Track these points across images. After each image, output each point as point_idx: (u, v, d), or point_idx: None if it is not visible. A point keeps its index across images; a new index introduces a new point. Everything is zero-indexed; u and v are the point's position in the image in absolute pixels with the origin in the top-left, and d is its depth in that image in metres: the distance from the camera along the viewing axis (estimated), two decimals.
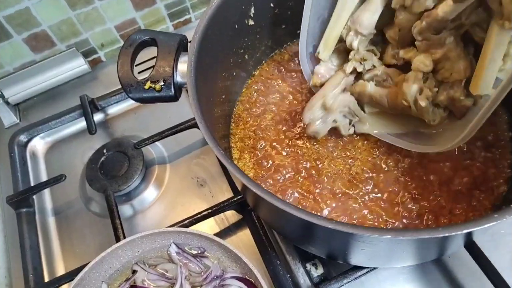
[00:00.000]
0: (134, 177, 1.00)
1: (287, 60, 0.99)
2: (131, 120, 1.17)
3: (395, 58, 0.75)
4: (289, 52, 1.00)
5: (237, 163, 0.85)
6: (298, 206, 0.57)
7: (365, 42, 0.77)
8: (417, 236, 0.50)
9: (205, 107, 0.75)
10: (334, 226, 0.52)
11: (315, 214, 0.53)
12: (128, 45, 0.74)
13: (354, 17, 0.74)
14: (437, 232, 0.48)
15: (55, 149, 1.15)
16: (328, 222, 0.52)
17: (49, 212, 1.04)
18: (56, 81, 1.20)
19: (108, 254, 0.77)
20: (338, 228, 0.52)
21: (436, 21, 0.62)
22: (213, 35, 0.79)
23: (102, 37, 1.21)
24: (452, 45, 0.65)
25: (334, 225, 0.52)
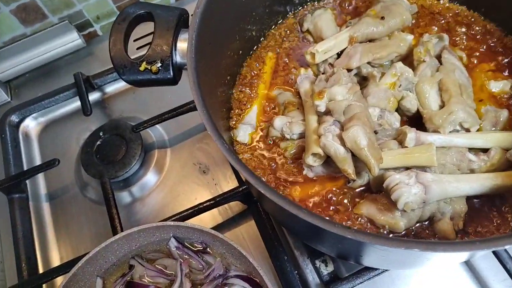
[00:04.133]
0: (132, 163, 0.94)
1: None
2: (129, 100, 1.10)
3: None
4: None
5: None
6: (310, 211, 0.50)
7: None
8: (447, 250, 0.43)
9: (207, 90, 0.68)
10: (354, 236, 0.45)
11: (330, 221, 0.47)
12: (121, 20, 0.66)
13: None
14: (467, 247, 0.41)
15: (49, 130, 1.08)
16: (347, 231, 0.46)
17: (43, 198, 0.99)
18: (49, 56, 1.12)
19: (103, 248, 0.72)
20: (359, 239, 0.45)
21: None
22: (217, 8, 0.70)
23: (97, 9, 1.12)
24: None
25: (353, 235, 0.45)
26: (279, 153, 0.77)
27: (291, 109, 0.79)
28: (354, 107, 0.68)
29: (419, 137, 0.68)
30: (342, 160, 0.65)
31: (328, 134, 0.66)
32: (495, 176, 0.63)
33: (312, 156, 0.69)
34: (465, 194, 0.64)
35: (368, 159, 0.62)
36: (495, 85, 0.78)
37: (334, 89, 0.69)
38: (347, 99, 0.68)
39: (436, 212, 0.65)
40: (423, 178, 0.62)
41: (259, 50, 0.88)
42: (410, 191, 0.60)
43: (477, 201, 0.67)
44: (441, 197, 0.62)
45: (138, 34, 1.10)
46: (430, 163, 0.64)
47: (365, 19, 0.82)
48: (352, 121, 0.65)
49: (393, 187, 0.61)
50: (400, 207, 0.60)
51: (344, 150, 0.65)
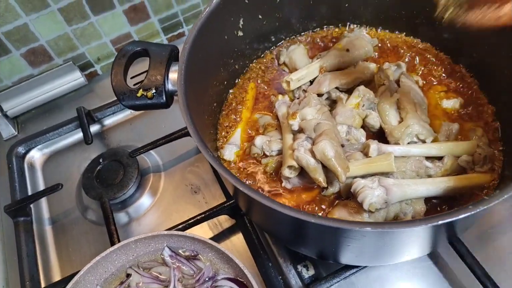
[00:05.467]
0: (129, 185, 1.03)
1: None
2: (126, 131, 1.20)
3: None
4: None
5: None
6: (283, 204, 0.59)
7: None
8: (394, 228, 0.52)
9: (195, 113, 0.78)
10: (316, 220, 0.54)
11: (297, 209, 0.56)
12: (121, 56, 0.78)
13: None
14: (412, 224, 0.51)
15: (53, 160, 1.18)
16: (311, 217, 0.55)
17: (46, 221, 1.06)
18: (53, 94, 1.24)
19: (103, 258, 0.79)
20: (320, 222, 0.54)
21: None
22: (203, 45, 0.82)
23: (98, 51, 1.25)
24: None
25: (316, 219, 0.54)
26: (260, 169, 0.86)
27: (270, 129, 0.90)
28: (322, 125, 0.79)
29: (381, 148, 0.78)
30: (313, 170, 0.75)
31: (300, 148, 0.77)
32: (448, 179, 0.73)
33: (288, 169, 0.79)
34: (422, 196, 0.73)
35: (335, 168, 0.72)
36: (447, 103, 0.89)
37: (305, 110, 0.81)
38: (316, 118, 0.79)
39: (399, 213, 0.74)
40: (385, 182, 0.71)
41: (242, 81, 1.00)
42: (373, 193, 0.69)
43: (435, 202, 0.77)
44: (401, 198, 0.72)
45: (134, 72, 1.23)
46: (389, 169, 0.74)
47: (333, 51, 0.96)
48: (321, 137, 0.75)
49: (359, 190, 0.71)
50: (365, 207, 0.69)
51: (314, 161, 0.75)
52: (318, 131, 0.78)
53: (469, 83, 0.91)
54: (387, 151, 0.77)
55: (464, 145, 0.78)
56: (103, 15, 1.17)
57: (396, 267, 0.86)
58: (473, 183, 0.72)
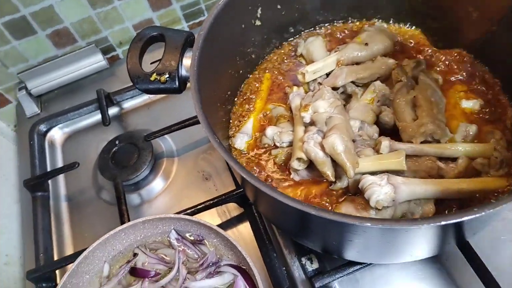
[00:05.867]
0: (142, 168, 1.05)
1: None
2: (144, 115, 1.23)
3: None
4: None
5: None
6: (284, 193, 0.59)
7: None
8: (394, 225, 0.51)
9: (207, 100, 0.79)
10: (316, 212, 0.54)
11: (298, 200, 0.56)
12: (138, 40, 0.79)
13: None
14: (413, 223, 0.50)
15: (72, 139, 1.21)
16: (312, 209, 0.55)
17: (62, 198, 1.10)
18: (76, 75, 1.27)
19: (112, 236, 0.82)
20: (320, 215, 0.54)
21: None
22: (219, 33, 0.82)
23: (120, 36, 1.28)
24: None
25: (316, 212, 0.54)
26: (270, 159, 0.87)
27: (282, 121, 0.89)
28: (334, 119, 0.78)
29: (393, 145, 0.77)
30: (321, 163, 0.75)
31: (310, 141, 0.76)
32: (461, 181, 0.71)
33: (297, 161, 0.78)
34: (432, 196, 0.71)
35: (344, 162, 0.71)
36: (467, 103, 0.87)
37: (317, 103, 0.80)
38: (328, 112, 0.78)
39: (407, 212, 0.73)
40: (394, 180, 0.70)
41: (258, 71, 1.00)
42: (381, 191, 0.68)
43: (446, 203, 0.74)
44: (409, 197, 0.70)
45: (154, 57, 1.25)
46: (400, 167, 0.73)
47: (351, 45, 0.94)
48: (332, 130, 0.75)
49: (367, 186, 0.70)
50: (372, 204, 0.68)
51: (323, 155, 0.74)
52: (330, 125, 0.77)
53: (491, 84, 0.88)
54: (399, 149, 0.76)
55: (481, 147, 0.76)
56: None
57: (402, 267, 0.85)
58: (486, 187, 0.70)
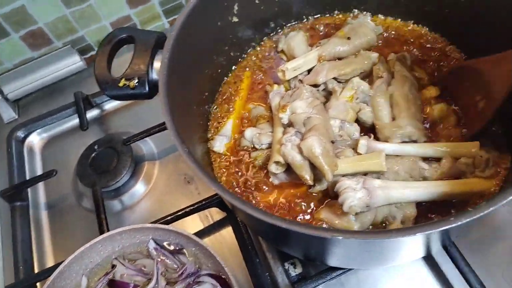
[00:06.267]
0: (122, 173, 1.02)
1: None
2: (125, 116, 1.19)
3: None
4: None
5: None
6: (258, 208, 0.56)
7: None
8: (367, 238, 0.48)
9: (182, 102, 0.76)
10: (288, 226, 0.51)
11: (265, 212, 0.53)
12: (106, 43, 0.75)
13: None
14: (387, 235, 0.47)
15: (51, 145, 1.18)
16: (283, 222, 0.52)
17: (42, 206, 1.07)
18: (53, 77, 1.23)
19: (88, 248, 0.79)
20: (292, 228, 0.51)
21: None
22: (193, 32, 0.78)
23: (97, 35, 1.23)
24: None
25: (287, 225, 0.51)
26: (250, 162, 0.83)
27: (262, 121, 0.86)
28: (313, 119, 0.74)
29: (371, 145, 0.74)
30: (299, 167, 0.71)
31: (287, 144, 0.73)
32: (443, 183, 0.67)
33: (274, 164, 0.75)
34: (410, 201, 0.68)
35: (322, 166, 0.68)
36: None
37: (295, 103, 0.76)
38: (306, 112, 0.75)
39: (388, 216, 0.70)
40: (369, 184, 0.66)
41: (237, 69, 0.96)
42: (355, 196, 0.64)
43: (428, 205, 0.71)
44: (386, 202, 0.67)
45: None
46: (379, 168, 0.70)
47: (333, 39, 0.90)
48: (310, 132, 0.71)
49: (341, 191, 0.66)
50: (345, 209, 0.65)
51: (301, 158, 0.71)
52: (308, 126, 0.74)
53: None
54: (379, 149, 0.73)
55: (465, 146, 0.72)
56: None
57: (387, 268, 0.83)
58: (472, 190, 0.67)
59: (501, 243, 0.80)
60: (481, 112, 0.72)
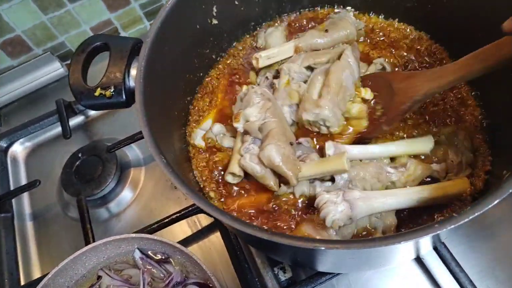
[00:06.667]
0: (107, 181, 1.00)
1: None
2: (109, 123, 1.17)
3: None
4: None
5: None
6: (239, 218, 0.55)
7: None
8: (351, 247, 0.47)
9: (161, 111, 0.74)
10: (269, 237, 0.50)
11: (251, 224, 0.52)
12: (80, 52, 0.74)
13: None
14: (370, 244, 0.46)
15: (35, 154, 1.16)
16: (264, 233, 0.51)
17: (27, 217, 1.05)
18: (34, 85, 1.21)
19: (71, 260, 0.78)
20: (273, 239, 0.50)
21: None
22: (170, 36, 0.77)
23: (78, 40, 1.21)
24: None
25: (269, 236, 0.50)
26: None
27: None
28: (268, 124, 0.72)
29: (337, 146, 0.73)
30: (261, 177, 0.71)
31: (246, 155, 0.72)
32: (421, 189, 0.66)
33: (231, 175, 0.74)
34: (392, 209, 0.67)
35: (285, 172, 0.68)
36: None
37: (247, 111, 0.74)
38: (259, 119, 0.73)
39: (369, 228, 0.68)
40: (350, 196, 0.65)
41: (218, 67, 0.94)
42: (336, 209, 0.63)
43: (409, 213, 0.70)
44: (368, 213, 0.66)
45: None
46: (341, 167, 0.68)
47: (311, 31, 0.89)
48: (267, 140, 0.70)
49: (322, 206, 0.65)
50: (328, 224, 0.63)
51: (260, 169, 0.70)
52: (264, 132, 0.72)
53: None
54: (342, 150, 0.72)
55: (421, 141, 0.72)
56: (80, 2, 1.12)
57: (377, 270, 0.82)
58: (448, 193, 0.66)
59: (491, 240, 0.80)
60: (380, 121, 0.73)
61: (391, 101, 0.71)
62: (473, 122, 0.75)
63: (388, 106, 0.71)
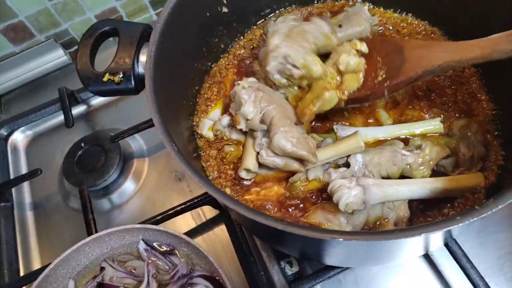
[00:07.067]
0: (110, 172, 0.98)
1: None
2: (112, 112, 1.15)
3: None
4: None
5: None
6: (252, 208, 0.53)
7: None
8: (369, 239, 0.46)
9: (169, 99, 0.72)
10: (284, 228, 0.48)
11: (255, 210, 0.51)
12: (88, 36, 0.71)
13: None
14: (389, 236, 0.44)
15: (36, 142, 1.14)
16: (278, 223, 0.49)
17: (27, 207, 1.03)
18: (36, 72, 1.19)
19: (74, 251, 0.76)
20: (288, 230, 0.48)
21: None
22: (180, 23, 0.75)
23: (82, 28, 1.18)
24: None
25: (283, 226, 0.49)
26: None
27: None
28: (267, 112, 0.71)
29: (345, 128, 0.74)
30: (284, 166, 0.70)
31: (262, 152, 0.71)
32: (435, 180, 0.66)
33: (245, 171, 0.73)
34: (405, 198, 0.66)
35: (301, 155, 0.67)
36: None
37: (242, 110, 0.71)
38: (257, 113, 0.71)
39: (381, 218, 0.67)
40: (364, 181, 0.64)
41: (226, 56, 0.92)
42: (350, 193, 0.62)
43: (421, 206, 0.69)
44: (382, 200, 0.65)
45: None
46: (357, 146, 0.68)
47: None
48: (272, 130, 0.69)
49: (335, 190, 0.64)
50: (341, 208, 0.62)
51: (280, 160, 0.69)
52: (267, 121, 0.71)
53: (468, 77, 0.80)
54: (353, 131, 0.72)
55: (433, 121, 0.73)
56: None
57: (386, 265, 0.81)
58: (462, 186, 0.65)
59: (501, 237, 0.79)
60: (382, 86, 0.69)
61: (400, 68, 0.67)
62: (486, 116, 0.74)
63: (395, 72, 0.68)
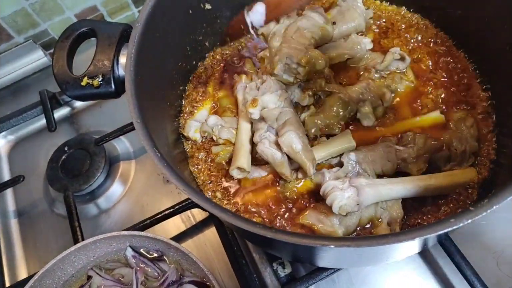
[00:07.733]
0: (95, 176, 0.95)
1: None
2: (97, 114, 1.12)
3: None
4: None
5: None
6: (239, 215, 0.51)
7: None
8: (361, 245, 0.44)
9: (152, 101, 0.70)
10: (273, 235, 0.47)
11: (251, 221, 0.48)
12: (64, 38, 0.69)
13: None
14: (382, 241, 0.43)
15: (19, 148, 1.10)
16: (267, 231, 0.47)
17: (11, 214, 1.00)
18: (16, 75, 1.15)
19: (59, 260, 0.73)
20: (277, 237, 0.47)
21: None
22: (161, 22, 0.72)
23: (62, 27, 1.11)
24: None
25: (273, 234, 0.47)
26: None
27: (229, 114, 0.81)
28: (285, 113, 0.70)
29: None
30: (280, 164, 0.67)
31: (264, 141, 0.68)
32: (428, 177, 0.65)
33: (237, 169, 0.71)
34: (399, 196, 0.65)
35: (304, 161, 0.65)
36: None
37: (266, 97, 0.70)
38: (278, 107, 0.70)
39: (374, 219, 0.66)
40: (356, 182, 0.63)
41: (212, 55, 0.89)
42: (343, 195, 0.61)
43: (415, 203, 0.68)
44: (376, 200, 0.63)
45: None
46: (348, 143, 0.68)
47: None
48: (286, 127, 0.67)
49: (328, 192, 0.62)
50: (335, 210, 0.61)
51: (281, 155, 0.67)
52: (281, 120, 0.69)
53: (464, 68, 0.79)
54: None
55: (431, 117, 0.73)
56: None
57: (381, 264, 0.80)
58: (456, 181, 0.64)
59: (496, 229, 0.78)
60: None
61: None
62: (481, 110, 0.73)
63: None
